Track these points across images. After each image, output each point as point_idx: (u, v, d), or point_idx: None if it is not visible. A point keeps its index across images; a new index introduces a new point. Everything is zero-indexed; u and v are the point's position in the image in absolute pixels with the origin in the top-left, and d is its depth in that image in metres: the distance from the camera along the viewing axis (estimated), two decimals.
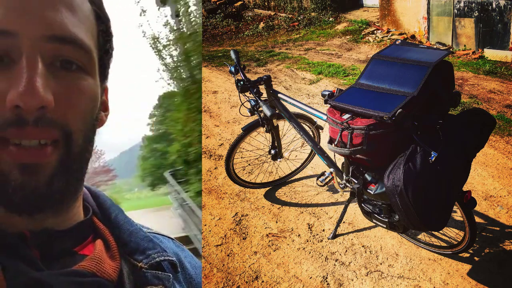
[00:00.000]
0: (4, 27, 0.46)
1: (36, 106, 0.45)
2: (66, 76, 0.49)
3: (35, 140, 0.47)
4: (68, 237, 0.54)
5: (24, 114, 0.45)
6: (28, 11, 0.47)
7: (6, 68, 0.46)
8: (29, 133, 0.46)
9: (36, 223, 0.50)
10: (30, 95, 0.45)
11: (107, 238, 0.58)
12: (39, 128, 0.46)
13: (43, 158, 0.48)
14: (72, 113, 0.50)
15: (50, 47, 0.48)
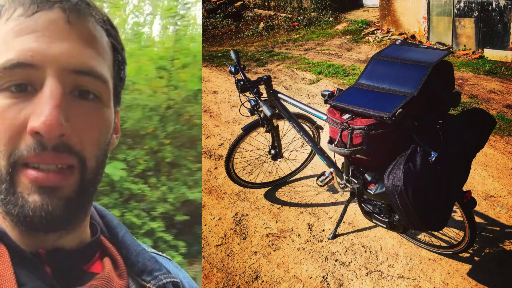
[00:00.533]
0: (30, 61, 0.49)
1: (56, 135, 0.49)
2: (83, 105, 0.52)
3: (53, 165, 0.50)
4: (78, 255, 0.57)
5: (44, 140, 0.49)
6: (52, 46, 0.50)
7: (28, 96, 0.50)
8: (47, 158, 0.49)
9: (49, 242, 0.53)
10: (51, 124, 0.48)
11: (115, 257, 0.61)
12: (57, 154, 0.50)
13: (60, 181, 0.51)
14: (87, 140, 0.53)
15: (71, 78, 0.51)
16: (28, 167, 0.50)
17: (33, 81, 0.50)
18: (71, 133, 0.50)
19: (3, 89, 0.49)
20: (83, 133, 0.52)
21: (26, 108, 0.49)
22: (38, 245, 0.53)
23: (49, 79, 0.50)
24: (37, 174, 0.49)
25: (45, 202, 0.50)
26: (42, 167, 0.49)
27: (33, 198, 0.49)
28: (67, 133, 0.50)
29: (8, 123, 0.49)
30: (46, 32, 0.50)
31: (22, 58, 0.49)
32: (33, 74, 0.49)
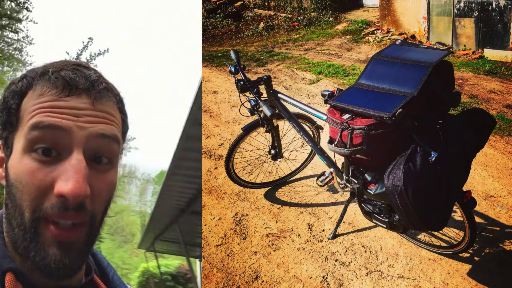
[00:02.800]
0: (59, 123, 0.57)
1: (81, 200, 0.57)
2: (98, 169, 0.61)
3: (70, 221, 0.58)
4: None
5: (68, 203, 0.56)
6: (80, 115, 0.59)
7: (53, 160, 0.57)
8: (69, 216, 0.57)
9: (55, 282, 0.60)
10: (79, 191, 0.56)
11: None
12: (77, 213, 0.57)
13: (76, 237, 0.59)
14: (98, 200, 0.61)
15: (94, 143, 0.60)
16: (48, 221, 0.57)
17: (59, 145, 0.58)
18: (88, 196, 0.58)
19: (31, 151, 0.57)
20: (96, 194, 0.60)
21: (53, 172, 0.57)
22: (50, 284, 0.60)
23: (74, 145, 0.58)
24: (58, 230, 0.57)
25: (63, 256, 0.57)
26: (61, 222, 0.57)
27: (53, 251, 0.57)
28: (88, 197, 0.58)
29: (37, 183, 0.56)
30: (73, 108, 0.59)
31: (53, 121, 0.57)
32: (60, 137, 0.57)
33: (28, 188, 0.56)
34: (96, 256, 0.74)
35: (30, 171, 0.56)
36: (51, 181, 0.56)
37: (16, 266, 0.59)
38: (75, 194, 0.56)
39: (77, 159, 0.57)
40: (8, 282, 0.57)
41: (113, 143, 0.62)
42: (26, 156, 0.57)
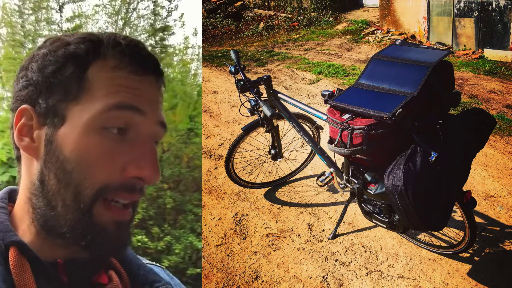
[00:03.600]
0: (142, 106, 0.57)
1: (155, 181, 0.58)
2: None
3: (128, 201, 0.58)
4: (89, 266, 0.62)
5: (138, 183, 0.57)
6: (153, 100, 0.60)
7: (127, 140, 0.57)
8: (133, 197, 0.58)
9: (66, 253, 0.59)
10: (154, 171, 0.57)
11: (119, 270, 0.67)
12: (138, 194, 0.58)
13: (127, 216, 0.59)
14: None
15: (157, 129, 0.60)
16: (107, 201, 0.56)
17: (133, 127, 0.57)
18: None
19: (105, 129, 0.55)
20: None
21: (127, 152, 0.56)
22: (56, 256, 0.58)
23: (148, 128, 0.58)
24: (117, 210, 0.57)
25: (119, 233, 0.58)
26: (120, 202, 0.57)
27: (111, 230, 0.57)
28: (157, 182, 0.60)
29: (108, 162, 0.55)
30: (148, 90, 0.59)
31: (134, 103, 0.57)
32: (137, 120, 0.57)
33: (98, 167, 0.54)
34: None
35: (103, 150, 0.54)
36: (123, 161, 0.55)
37: (20, 239, 0.57)
38: (152, 177, 0.57)
39: (150, 142, 0.58)
40: (12, 256, 0.55)
41: (164, 131, 0.63)
42: (98, 132, 0.54)
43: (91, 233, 0.56)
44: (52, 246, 0.58)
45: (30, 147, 0.57)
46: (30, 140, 0.57)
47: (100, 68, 0.56)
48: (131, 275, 0.67)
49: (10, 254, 0.55)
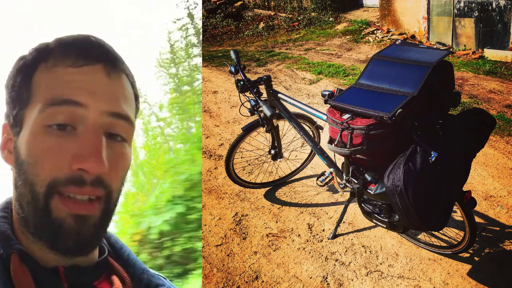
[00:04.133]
0: (78, 99, 0.56)
1: (100, 172, 0.57)
2: (113, 146, 0.60)
3: (86, 196, 0.57)
4: (90, 272, 0.63)
5: (85, 175, 0.56)
6: (96, 91, 0.58)
7: (69, 134, 0.57)
8: (86, 191, 0.57)
9: (68, 260, 0.60)
10: (95, 162, 0.56)
11: (121, 275, 0.67)
12: (93, 187, 0.57)
13: (91, 211, 0.58)
14: (115, 176, 0.61)
15: (109, 121, 0.59)
16: (63, 196, 0.56)
17: (75, 120, 0.57)
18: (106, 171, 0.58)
19: (47, 126, 0.56)
20: (112, 170, 0.60)
21: (70, 146, 0.56)
22: (58, 263, 0.59)
23: (93, 120, 0.57)
24: (74, 204, 0.56)
25: (79, 228, 0.57)
26: (78, 198, 0.57)
27: (69, 224, 0.56)
28: (105, 171, 0.58)
29: (53, 158, 0.56)
30: (91, 81, 0.58)
31: (70, 96, 0.56)
32: (76, 112, 0.57)
33: (44, 163, 0.55)
34: (110, 239, 0.73)
35: (47, 146, 0.56)
36: (67, 156, 0.56)
37: (21, 247, 0.58)
38: (95, 168, 0.56)
39: (95, 134, 0.57)
40: (14, 264, 0.56)
41: (126, 123, 0.62)
42: (41, 131, 0.56)
43: (50, 230, 0.56)
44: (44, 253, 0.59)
45: (8, 158, 0.61)
46: (8, 152, 0.61)
47: (42, 71, 0.59)
48: (134, 279, 0.68)
49: (11, 262, 0.56)
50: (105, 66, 0.60)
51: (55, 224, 0.56)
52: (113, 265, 0.68)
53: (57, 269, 0.59)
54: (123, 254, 0.72)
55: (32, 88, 0.58)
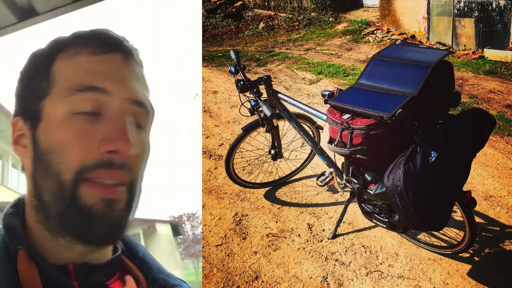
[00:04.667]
0: (103, 85, 0.57)
1: (128, 152, 0.57)
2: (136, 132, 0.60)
3: (113, 180, 0.57)
4: (102, 271, 0.62)
5: (115, 158, 0.56)
6: (120, 78, 0.60)
7: (96, 120, 0.57)
8: (115, 174, 0.57)
9: (79, 257, 0.59)
10: (126, 142, 0.56)
11: (136, 274, 0.66)
12: (122, 171, 0.57)
13: (118, 194, 0.58)
14: (138, 163, 0.61)
15: (131, 108, 0.60)
16: (90, 182, 0.56)
17: (101, 106, 0.58)
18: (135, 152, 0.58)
19: (73, 114, 0.56)
20: (137, 156, 0.60)
21: (98, 131, 0.56)
22: (68, 260, 0.58)
23: (119, 105, 0.58)
24: (103, 188, 0.56)
25: (108, 213, 0.56)
26: (105, 181, 0.56)
27: (98, 209, 0.55)
28: (135, 153, 0.58)
29: (82, 144, 0.56)
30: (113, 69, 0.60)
31: (95, 83, 0.57)
32: (103, 99, 0.57)
33: (72, 150, 0.55)
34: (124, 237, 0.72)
35: (75, 133, 0.56)
36: (95, 140, 0.56)
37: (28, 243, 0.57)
38: (124, 148, 0.56)
39: (121, 119, 0.58)
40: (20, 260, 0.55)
41: (145, 111, 0.62)
42: (68, 118, 0.56)
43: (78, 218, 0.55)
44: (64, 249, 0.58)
45: (23, 152, 0.60)
46: (21, 147, 0.60)
47: (63, 60, 0.59)
48: (150, 279, 0.67)
49: (18, 258, 0.56)
50: (123, 55, 0.61)
51: (84, 211, 0.55)
52: (127, 264, 0.67)
53: (67, 267, 0.58)
54: (137, 253, 0.70)
55: (51, 78, 0.58)
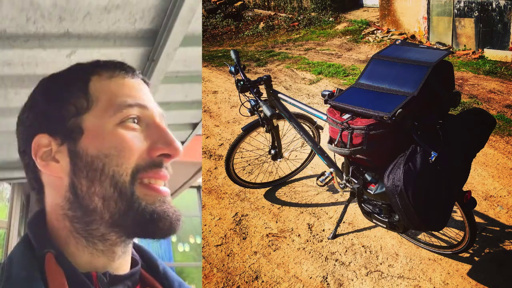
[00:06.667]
0: (144, 102, 0.68)
1: (177, 156, 0.66)
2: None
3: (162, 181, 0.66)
4: (123, 282, 0.65)
5: (163, 161, 0.65)
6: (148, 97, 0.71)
7: (143, 129, 0.67)
8: (162, 175, 0.65)
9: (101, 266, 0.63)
10: (175, 147, 0.65)
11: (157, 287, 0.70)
12: (166, 173, 0.66)
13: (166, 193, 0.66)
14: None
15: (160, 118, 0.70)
16: (144, 184, 0.63)
17: (144, 117, 0.67)
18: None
19: (124, 121, 0.65)
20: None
21: (146, 137, 0.66)
22: (91, 268, 0.63)
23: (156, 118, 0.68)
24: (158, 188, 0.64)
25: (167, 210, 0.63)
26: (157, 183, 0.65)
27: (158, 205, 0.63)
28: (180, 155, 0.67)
29: (136, 147, 0.64)
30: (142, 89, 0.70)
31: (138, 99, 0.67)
32: (144, 112, 0.67)
33: (128, 153, 0.62)
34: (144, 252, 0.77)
35: (129, 137, 0.64)
36: (145, 145, 0.65)
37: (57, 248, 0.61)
38: (177, 151, 0.65)
39: (163, 128, 0.67)
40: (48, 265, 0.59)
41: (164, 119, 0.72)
42: (117, 128, 0.64)
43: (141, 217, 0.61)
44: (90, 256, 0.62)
45: (55, 167, 0.64)
46: (54, 162, 0.64)
47: (99, 82, 0.67)
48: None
49: (46, 262, 0.59)
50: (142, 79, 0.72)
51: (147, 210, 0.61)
52: (147, 278, 0.70)
53: (91, 275, 0.61)
54: (158, 267, 0.74)
55: (91, 96, 0.66)
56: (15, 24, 1.22)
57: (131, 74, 0.70)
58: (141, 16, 1.32)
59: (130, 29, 1.39)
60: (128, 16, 1.31)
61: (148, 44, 1.48)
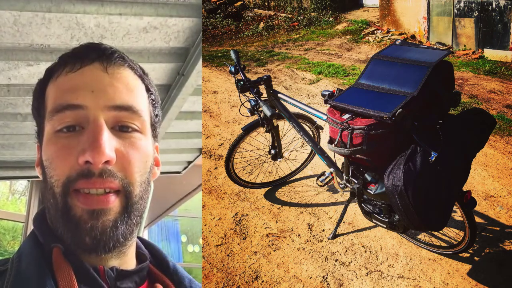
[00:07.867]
0: (76, 102, 0.61)
1: (101, 161, 0.58)
2: (125, 136, 0.62)
3: (101, 189, 0.59)
4: (131, 277, 0.64)
5: (92, 167, 0.58)
6: (95, 89, 0.62)
7: (77, 134, 0.60)
8: (95, 183, 0.59)
9: (105, 262, 0.62)
10: (97, 152, 0.58)
11: (167, 283, 0.68)
12: (103, 179, 0.59)
13: (107, 204, 0.59)
14: (130, 167, 0.62)
15: (112, 114, 0.62)
16: (79, 193, 0.58)
17: (80, 121, 0.61)
18: (115, 160, 0.59)
19: (57, 131, 0.61)
20: (126, 160, 0.61)
21: (78, 144, 0.60)
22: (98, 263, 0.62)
23: (94, 117, 0.60)
24: (88, 198, 0.58)
25: (93, 223, 0.58)
26: (91, 191, 0.58)
27: (84, 220, 0.58)
28: (111, 160, 0.59)
29: (65, 157, 0.59)
30: (89, 81, 0.62)
31: (70, 101, 0.60)
32: (80, 114, 0.61)
33: (57, 163, 0.60)
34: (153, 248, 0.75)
35: (57, 148, 0.60)
36: (76, 153, 0.59)
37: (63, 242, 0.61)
38: (96, 157, 0.58)
39: (97, 129, 0.60)
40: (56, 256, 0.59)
41: (132, 114, 0.64)
42: (53, 136, 0.61)
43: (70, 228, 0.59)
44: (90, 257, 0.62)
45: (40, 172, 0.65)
46: (40, 168, 0.65)
47: (51, 84, 0.65)
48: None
49: (54, 257, 0.59)
50: (102, 63, 0.63)
51: (74, 222, 0.58)
52: (156, 274, 0.69)
53: (98, 269, 0.61)
54: (167, 263, 0.73)
55: (45, 102, 0.64)
56: (59, 41, 1.28)
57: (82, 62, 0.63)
58: (176, 36, 1.39)
59: (164, 47, 1.46)
60: (164, 36, 1.37)
61: (179, 60, 1.54)
